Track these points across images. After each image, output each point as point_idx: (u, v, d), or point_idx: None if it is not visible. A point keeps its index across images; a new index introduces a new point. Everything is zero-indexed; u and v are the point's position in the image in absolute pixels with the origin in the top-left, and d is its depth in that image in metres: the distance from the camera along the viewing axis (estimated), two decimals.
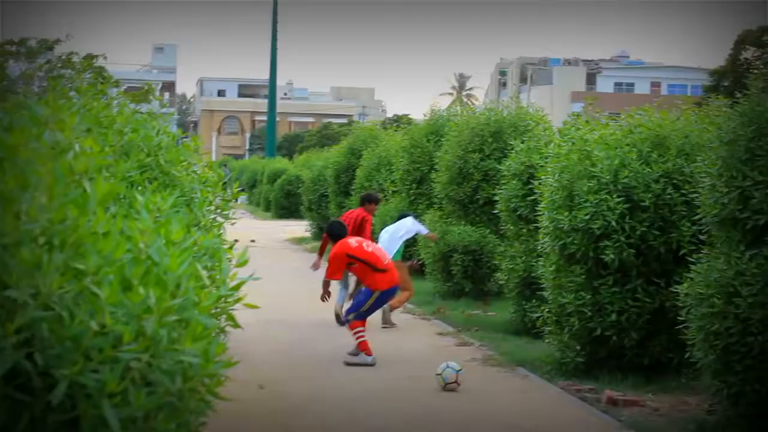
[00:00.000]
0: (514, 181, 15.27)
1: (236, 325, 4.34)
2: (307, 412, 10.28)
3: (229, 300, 3.89)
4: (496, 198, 15.95)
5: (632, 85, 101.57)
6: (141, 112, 7.95)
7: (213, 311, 3.88)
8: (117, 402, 3.13)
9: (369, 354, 12.83)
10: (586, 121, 13.47)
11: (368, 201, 17.16)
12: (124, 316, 3.29)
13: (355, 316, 13.08)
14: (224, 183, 8.37)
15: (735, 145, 9.53)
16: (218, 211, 7.93)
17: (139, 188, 5.93)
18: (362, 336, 12.91)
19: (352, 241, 13.48)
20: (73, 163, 3.54)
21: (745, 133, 9.46)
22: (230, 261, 4.23)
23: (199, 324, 3.43)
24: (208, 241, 4.08)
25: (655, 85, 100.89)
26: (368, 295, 13.14)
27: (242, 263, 4.15)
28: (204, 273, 3.86)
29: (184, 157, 7.76)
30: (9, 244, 3.09)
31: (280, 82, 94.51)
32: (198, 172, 7.99)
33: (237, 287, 4.01)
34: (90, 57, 36.59)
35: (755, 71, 11.48)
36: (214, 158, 78.96)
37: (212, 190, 7.92)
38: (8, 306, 3.06)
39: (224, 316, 4.40)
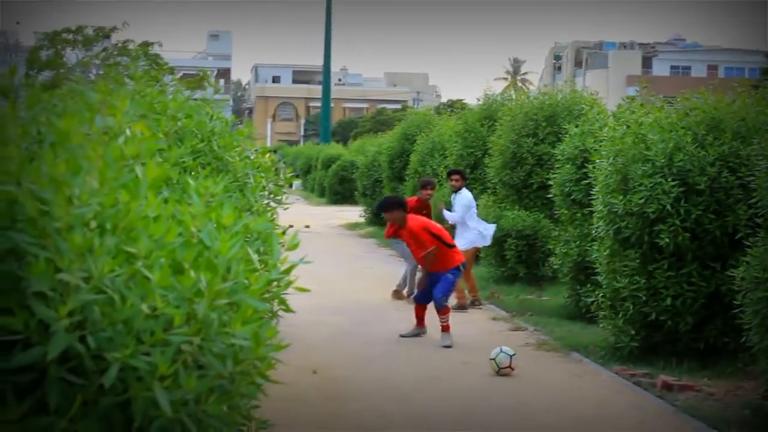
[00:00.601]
0: (568, 166, 15.20)
1: (288, 309, 4.35)
2: (359, 396, 10.30)
3: (280, 284, 3.89)
4: (550, 182, 15.90)
5: (688, 68, 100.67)
6: (195, 99, 7.98)
7: (265, 295, 3.88)
8: (168, 384, 3.15)
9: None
10: (641, 104, 13.37)
11: (422, 186, 17.21)
12: (175, 299, 3.31)
13: (446, 299, 13.46)
14: (277, 168, 8.40)
15: None
16: (271, 196, 7.96)
17: (192, 173, 5.96)
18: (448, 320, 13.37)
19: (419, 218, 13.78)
20: (124, 147, 3.57)
21: None
22: (282, 246, 4.24)
23: (249, 307, 3.44)
24: (259, 226, 4.09)
25: (712, 68, 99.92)
26: (456, 274, 13.50)
27: (293, 247, 4.17)
28: (255, 257, 3.87)
29: (238, 142, 7.79)
30: (61, 229, 3.11)
31: (335, 68, 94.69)
32: (251, 157, 8.02)
33: (288, 271, 4.02)
34: (145, 44, 36.82)
35: None
36: (269, 144, 79.42)
37: (265, 176, 7.94)
38: (61, 289, 3.08)
39: (276, 300, 4.41)
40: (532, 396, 10.49)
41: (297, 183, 59.04)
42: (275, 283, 3.88)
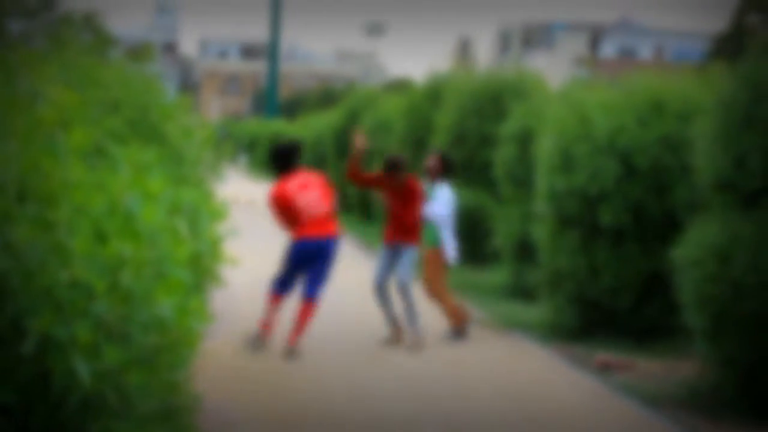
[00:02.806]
0: (511, 145, 15.20)
1: (217, 281, 4.30)
2: (296, 367, 10.28)
3: (209, 256, 3.83)
4: (494, 162, 15.90)
5: (635, 50, 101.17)
6: (131, 69, 7.88)
7: (195, 268, 3.83)
8: (88, 355, 3.09)
9: None
10: (585, 84, 13.41)
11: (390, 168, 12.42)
12: (97, 268, 3.24)
13: None
14: (216, 142, 8.31)
15: (732, 109, 9.45)
16: (208, 169, 7.88)
17: (126, 144, 5.87)
18: None
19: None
20: (46, 113, 3.48)
21: (743, 97, 9.38)
22: (213, 217, 4.18)
23: (174, 278, 3.39)
24: (188, 197, 4.02)
25: (659, 50, 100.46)
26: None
27: (220, 218, 4.12)
28: (183, 227, 3.81)
29: (176, 115, 7.70)
30: None
31: (284, 44, 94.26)
32: (189, 130, 7.93)
33: (216, 242, 3.96)
34: (89, 15, 36.34)
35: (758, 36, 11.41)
36: (215, 120, 78.89)
37: (203, 149, 7.86)
38: None
39: (206, 272, 4.35)
40: (470, 375, 10.51)
41: (243, 159, 58.79)
42: (203, 255, 3.83)
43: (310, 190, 11.11)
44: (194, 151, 7.56)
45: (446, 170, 12.17)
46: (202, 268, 4.01)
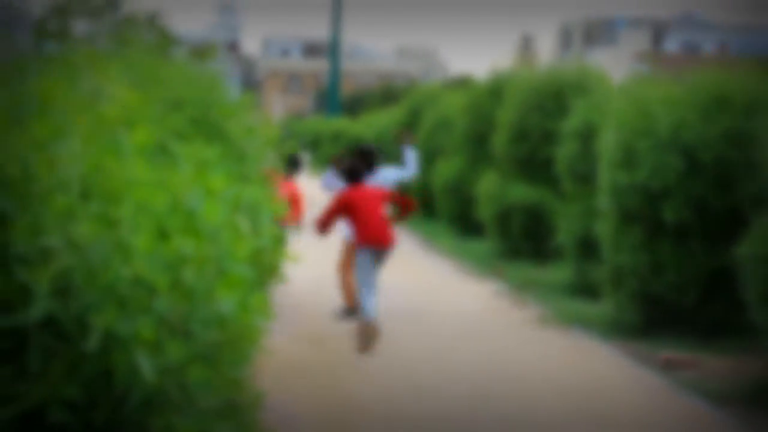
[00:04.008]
0: (574, 140, 15.12)
1: (281, 277, 4.32)
2: (359, 369, 10.30)
3: (271, 253, 3.86)
4: (556, 158, 15.83)
5: (699, 46, 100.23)
6: (194, 68, 7.93)
7: (257, 264, 3.85)
8: (150, 351, 3.12)
9: None
10: (648, 79, 13.31)
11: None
12: (159, 265, 3.27)
13: None
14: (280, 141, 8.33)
15: None
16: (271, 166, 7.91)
17: (188, 142, 5.91)
18: None
19: None
20: (109, 111, 3.52)
21: None
22: (275, 215, 4.20)
23: (235, 274, 3.41)
24: (250, 194, 4.05)
25: (723, 45, 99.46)
26: None
27: (281, 215, 4.13)
28: (245, 224, 3.83)
29: (238, 113, 7.74)
30: (43, 192, 3.08)
31: (345, 42, 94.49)
32: (252, 128, 7.96)
33: (278, 239, 3.99)
34: (153, 16, 36.71)
35: None
36: (278, 119, 79.33)
37: (266, 146, 7.89)
38: (42, 254, 3.05)
39: (269, 269, 4.37)
40: (531, 371, 10.47)
41: (306, 157, 58.97)
42: (265, 252, 3.85)
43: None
44: (257, 148, 7.59)
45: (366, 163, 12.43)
46: (264, 265, 4.03)
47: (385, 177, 12.89)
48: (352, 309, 12.74)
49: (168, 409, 3.20)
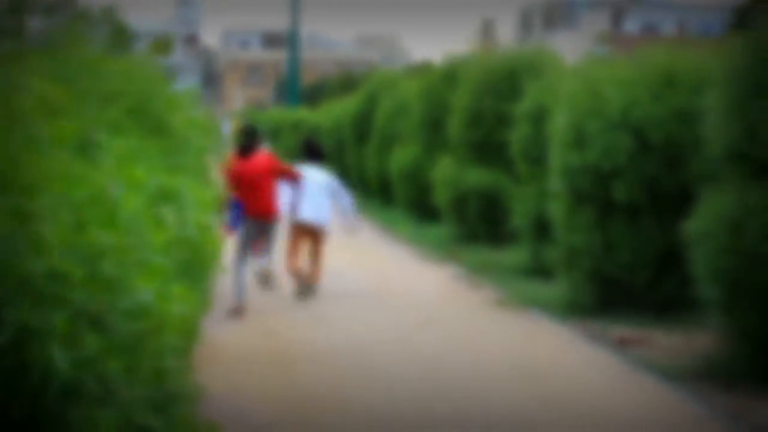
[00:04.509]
0: (527, 123, 15.15)
1: (213, 268, 4.31)
2: (314, 358, 10.30)
3: (195, 243, 3.84)
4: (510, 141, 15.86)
5: (658, 26, 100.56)
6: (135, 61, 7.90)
7: (181, 254, 3.84)
8: (66, 344, 3.11)
9: None
10: (599, 60, 13.35)
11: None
12: (76, 257, 3.25)
13: None
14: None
15: (743, 79, 9.38)
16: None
17: (124, 135, 5.89)
18: None
19: None
20: (25, 105, 3.50)
21: (754, 67, 9.31)
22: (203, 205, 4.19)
23: (154, 264, 3.40)
24: (175, 185, 4.03)
25: (682, 25, 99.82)
26: None
27: (210, 207, 4.12)
28: (170, 215, 3.82)
29: (181, 105, 7.72)
30: None
31: (304, 32, 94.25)
32: (195, 120, 7.94)
33: (205, 229, 3.97)
34: (108, 10, 36.40)
35: None
36: (238, 110, 78.90)
37: (208, 138, 7.89)
38: None
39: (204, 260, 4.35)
40: (485, 352, 10.51)
41: (266, 147, 58.76)
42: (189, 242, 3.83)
43: None
44: (199, 141, 7.57)
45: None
46: (191, 255, 4.02)
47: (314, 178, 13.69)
48: (306, 285, 13.54)
49: (87, 400, 3.18)
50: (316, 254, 13.77)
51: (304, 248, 13.87)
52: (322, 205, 13.60)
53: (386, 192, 24.86)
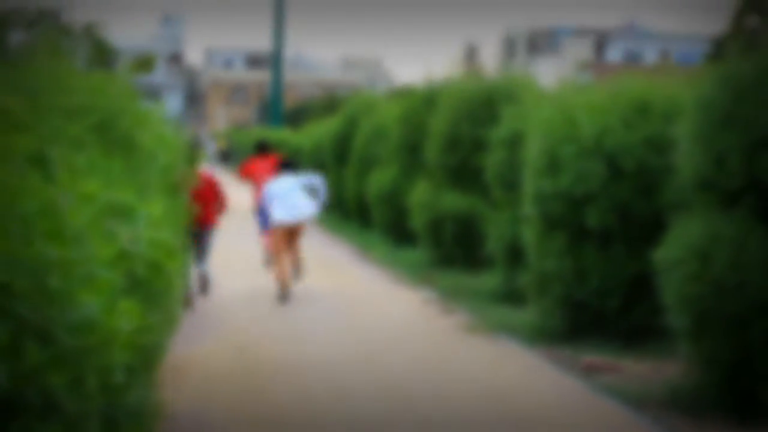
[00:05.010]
0: (502, 148, 15.18)
1: (167, 284, 4.29)
2: (281, 374, 10.28)
3: (144, 258, 3.83)
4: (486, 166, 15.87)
5: (641, 55, 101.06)
6: (104, 77, 7.88)
7: (128, 269, 3.82)
8: (7, 356, 3.09)
9: None
10: (573, 87, 13.39)
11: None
12: (21, 269, 3.24)
13: None
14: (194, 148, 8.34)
15: (712, 109, 9.42)
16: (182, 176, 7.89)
17: (86, 149, 5.87)
18: None
19: None
20: None
21: (723, 97, 9.36)
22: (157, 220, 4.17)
23: (101, 278, 3.38)
24: (124, 199, 4.02)
25: (665, 54, 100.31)
26: None
27: (169, 224, 4.11)
28: (121, 229, 3.81)
29: (150, 121, 7.70)
30: None
31: (289, 53, 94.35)
32: (163, 137, 7.92)
33: (158, 244, 3.96)
34: (89, 26, 36.37)
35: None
36: (221, 129, 78.92)
37: (176, 155, 7.87)
38: None
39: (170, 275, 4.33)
40: (453, 379, 10.49)
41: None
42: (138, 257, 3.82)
43: None
44: (167, 158, 7.56)
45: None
46: (143, 272, 4.00)
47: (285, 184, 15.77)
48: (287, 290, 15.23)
49: (28, 413, 3.16)
50: (295, 248, 15.72)
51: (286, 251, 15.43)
52: (296, 204, 15.40)
53: (364, 214, 24.84)
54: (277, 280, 15.20)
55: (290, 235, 15.50)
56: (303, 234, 15.71)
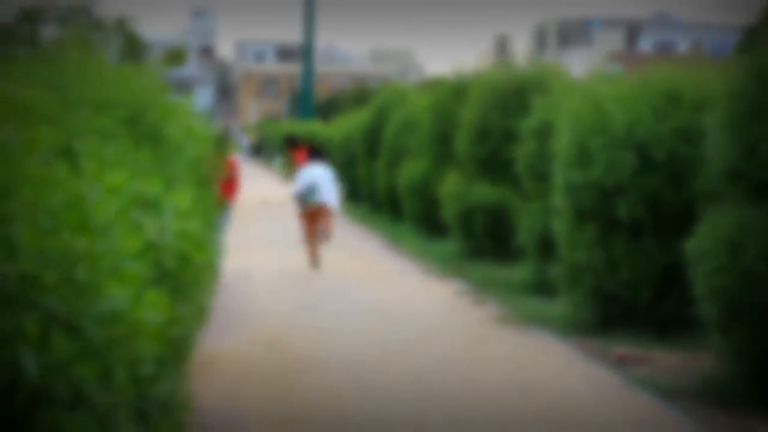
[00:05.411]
0: (532, 139, 15.15)
1: (198, 276, 4.31)
2: (309, 368, 10.29)
3: (172, 250, 3.84)
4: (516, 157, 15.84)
5: (673, 45, 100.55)
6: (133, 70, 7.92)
7: (155, 261, 3.84)
8: (36, 348, 3.11)
9: None
10: (603, 77, 13.34)
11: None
12: (48, 262, 3.26)
13: None
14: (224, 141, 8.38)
15: (741, 99, 9.37)
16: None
17: (114, 142, 5.90)
18: None
19: None
20: None
21: (752, 87, 9.30)
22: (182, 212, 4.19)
23: (127, 270, 3.40)
24: (151, 191, 4.04)
25: (697, 44, 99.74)
26: None
27: (198, 215, 4.12)
28: (148, 221, 3.82)
29: (178, 114, 7.73)
30: None
31: (319, 45, 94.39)
32: (192, 129, 7.95)
33: (188, 238, 3.98)
34: (121, 20, 36.60)
35: None
36: (253, 121, 79.27)
37: (205, 147, 7.90)
38: None
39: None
40: (485, 369, 10.49)
41: (278, 160, 58.99)
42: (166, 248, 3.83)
43: None
44: (196, 149, 7.58)
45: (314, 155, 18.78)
46: (172, 264, 4.01)
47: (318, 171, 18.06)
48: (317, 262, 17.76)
49: (57, 405, 3.18)
50: (328, 225, 17.82)
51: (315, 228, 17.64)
52: (322, 188, 17.72)
53: (395, 206, 24.85)
54: (308, 253, 17.75)
55: (318, 216, 17.65)
56: (331, 216, 17.84)
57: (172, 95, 7.92)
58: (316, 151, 19.09)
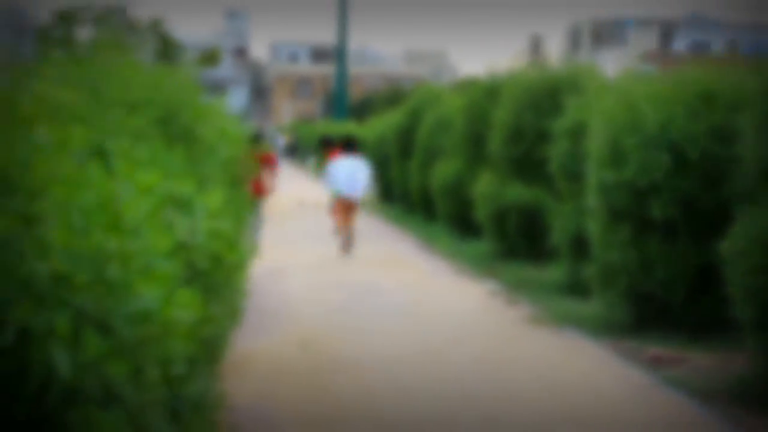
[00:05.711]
0: (566, 139, 15.09)
1: (231, 276, 4.32)
2: (342, 368, 10.30)
3: (204, 249, 3.85)
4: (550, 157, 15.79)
5: (708, 45, 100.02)
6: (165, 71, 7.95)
7: (186, 260, 3.85)
8: (68, 346, 3.13)
9: None
10: (636, 77, 13.28)
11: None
12: (80, 261, 3.27)
13: None
14: (257, 141, 8.40)
15: None
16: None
17: (147, 142, 5.92)
18: None
19: None
20: (27, 108, 3.53)
21: None
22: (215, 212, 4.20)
23: (159, 270, 3.41)
24: (182, 191, 4.05)
25: (733, 45, 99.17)
26: None
27: (230, 215, 4.14)
28: (179, 220, 3.84)
29: (211, 114, 7.76)
30: None
31: (353, 46, 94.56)
32: (225, 130, 7.98)
33: (221, 235, 3.99)
34: (156, 22, 36.68)
35: None
36: (287, 122, 79.43)
37: (239, 148, 7.92)
38: None
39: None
40: (518, 369, 10.47)
41: (312, 160, 59.14)
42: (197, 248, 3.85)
43: None
44: (228, 150, 7.61)
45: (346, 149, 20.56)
46: (204, 264, 4.02)
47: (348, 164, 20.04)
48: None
49: (89, 403, 3.20)
50: (352, 217, 19.65)
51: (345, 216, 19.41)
52: (356, 183, 19.73)
53: (429, 206, 24.82)
54: (341, 242, 19.63)
55: (348, 207, 19.54)
56: (357, 210, 19.90)
57: (206, 96, 7.95)
58: (350, 145, 20.51)
